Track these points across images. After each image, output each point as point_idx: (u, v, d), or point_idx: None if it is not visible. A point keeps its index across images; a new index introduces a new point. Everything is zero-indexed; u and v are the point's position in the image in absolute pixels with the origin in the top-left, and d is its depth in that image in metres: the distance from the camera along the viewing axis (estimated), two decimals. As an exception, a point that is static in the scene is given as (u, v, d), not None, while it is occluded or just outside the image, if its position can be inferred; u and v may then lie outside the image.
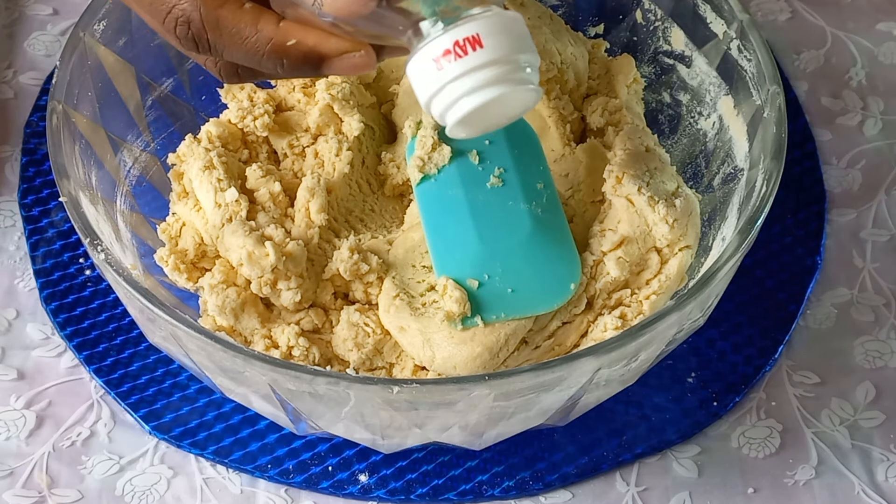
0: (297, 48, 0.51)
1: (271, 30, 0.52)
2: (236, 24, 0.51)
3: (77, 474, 0.68)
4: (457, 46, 0.48)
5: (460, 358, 0.63)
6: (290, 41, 0.51)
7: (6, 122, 0.81)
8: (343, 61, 0.52)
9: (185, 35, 0.52)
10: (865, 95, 0.84)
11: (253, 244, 0.65)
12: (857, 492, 0.69)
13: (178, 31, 0.52)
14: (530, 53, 0.50)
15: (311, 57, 0.52)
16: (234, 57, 0.53)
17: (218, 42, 0.52)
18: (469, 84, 0.49)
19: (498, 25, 0.49)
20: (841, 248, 0.77)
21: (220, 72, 0.55)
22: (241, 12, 0.52)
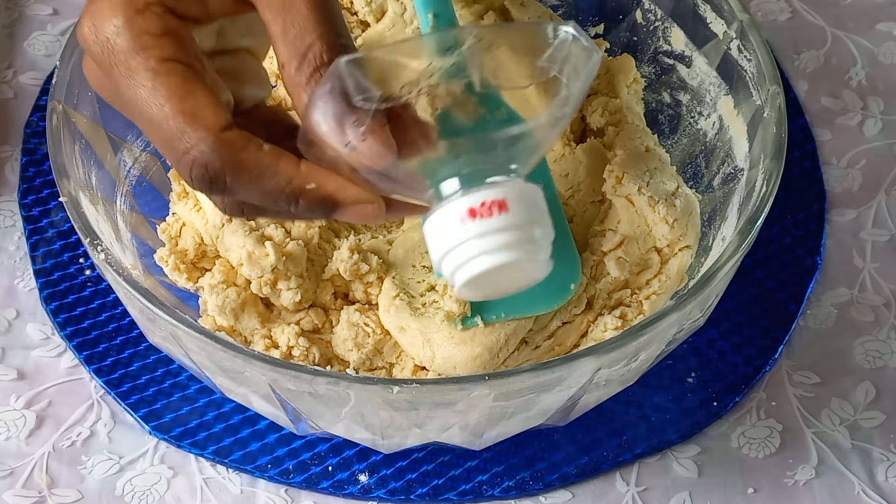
0: (316, 192, 0.50)
1: (292, 171, 0.50)
2: (258, 167, 0.50)
3: (77, 474, 0.68)
4: (483, 207, 0.49)
5: (460, 358, 0.63)
6: (310, 185, 0.50)
7: (6, 122, 0.81)
8: (356, 209, 0.51)
9: (202, 178, 0.50)
10: (865, 95, 0.84)
11: (253, 244, 0.65)
12: (857, 492, 0.69)
13: (193, 174, 0.50)
14: (547, 227, 0.51)
15: (327, 202, 0.51)
16: (249, 197, 0.51)
17: (236, 185, 0.50)
18: (489, 244, 0.50)
19: (522, 194, 0.50)
20: (841, 248, 0.77)
21: (224, 208, 0.54)
22: (261, 154, 0.50)
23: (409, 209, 0.53)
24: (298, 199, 0.51)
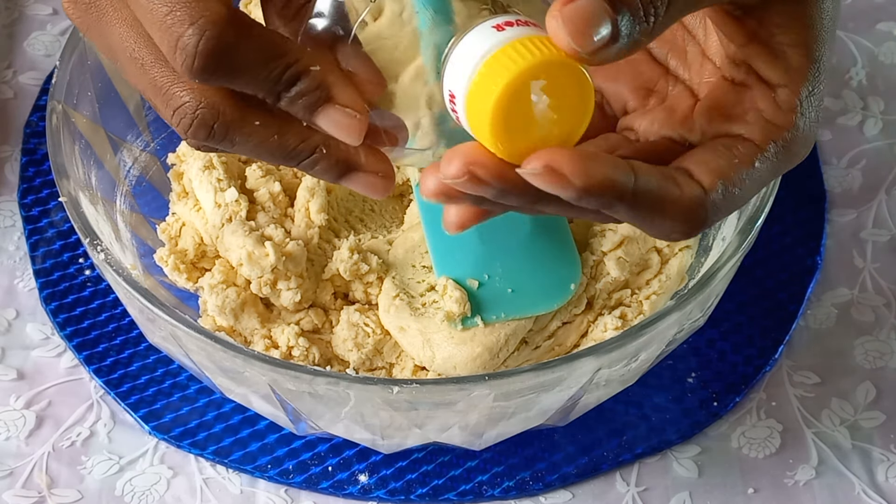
0: (317, 76, 0.47)
1: (299, 49, 0.47)
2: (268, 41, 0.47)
3: (77, 474, 0.68)
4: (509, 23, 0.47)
5: (460, 358, 0.63)
6: (314, 66, 0.47)
7: (6, 122, 0.81)
8: (368, 179, 0.50)
9: (209, 52, 0.45)
10: (865, 95, 0.84)
11: (253, 244, 0.65)
12: (857, 492, 0.69)
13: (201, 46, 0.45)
14: None
15: (324, 89, 0.47)
16: (249, 81, 0.47)
17: (242, 62, 0.46)
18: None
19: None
20: (841, 248, 0.77)
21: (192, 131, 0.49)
22: (270, 32, 0.47)
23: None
24: (298, 80, 0.47)
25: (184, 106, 0.47)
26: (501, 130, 0.44)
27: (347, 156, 0.49)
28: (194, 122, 0.47)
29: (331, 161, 0.49)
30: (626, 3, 0.44)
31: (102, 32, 0.49)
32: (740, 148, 0.48)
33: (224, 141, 0.48)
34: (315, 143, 0.49)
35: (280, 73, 0.47)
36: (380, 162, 0.50)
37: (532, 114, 0.44)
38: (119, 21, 0.48)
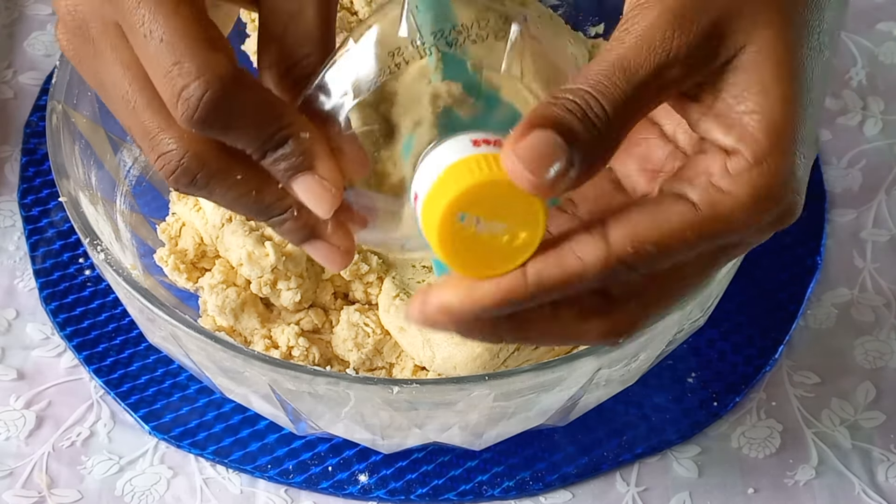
0: (305, 143, 0.48)
1: (292, 113, 0.48)
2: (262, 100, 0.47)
3: (77, 474, 0.68)
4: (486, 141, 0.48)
5: (460, 358, 0.63)
6: (304, 133, 0.48)
7: (6, 122, 0.81)
8: (329, 250, 0.50)
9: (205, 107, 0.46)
10: (865, 95, 0.84)
11: (253, 244, 0.65)
12: (857, 492, 0.69)
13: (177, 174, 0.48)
14: None
15: (308, 156, 0.48)
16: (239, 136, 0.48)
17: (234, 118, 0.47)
18: None
19: None
20: (841, 248, 0.77)
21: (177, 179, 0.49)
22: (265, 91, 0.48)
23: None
24: (286, 143, 0.47)
25: (170, 153, 0.48)
26: (448, 244, 0.45)
27: (315, 224, 0.50)
28: (178, 169, 0.48)
29: (298, 224, 0.50)
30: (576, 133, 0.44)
31: (97, 70, 0.50)
32: (674, 206, 0.45)
33: (204, 189, 0.49)
34: (288, 205, 0.49)
35: (272, 133, 0.47)
36: (343, 238, 0.50)
37: (478, 230, 0.45)
38: (116, 62, 0.49)
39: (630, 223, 0.45)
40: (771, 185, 0.45)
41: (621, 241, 0.45)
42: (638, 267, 0.45)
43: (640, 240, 0.45)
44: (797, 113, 0.46)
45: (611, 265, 0.45)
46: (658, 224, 0.45)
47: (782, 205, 0.46)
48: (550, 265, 0.45)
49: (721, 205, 0.45)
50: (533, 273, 0.45)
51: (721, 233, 0.46)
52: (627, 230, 0.45)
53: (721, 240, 0.46)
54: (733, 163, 0.46)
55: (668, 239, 0.45)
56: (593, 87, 0.45)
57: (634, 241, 0.45)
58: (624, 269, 0.45)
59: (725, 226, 0.45)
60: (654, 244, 0.45)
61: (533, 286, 0.45)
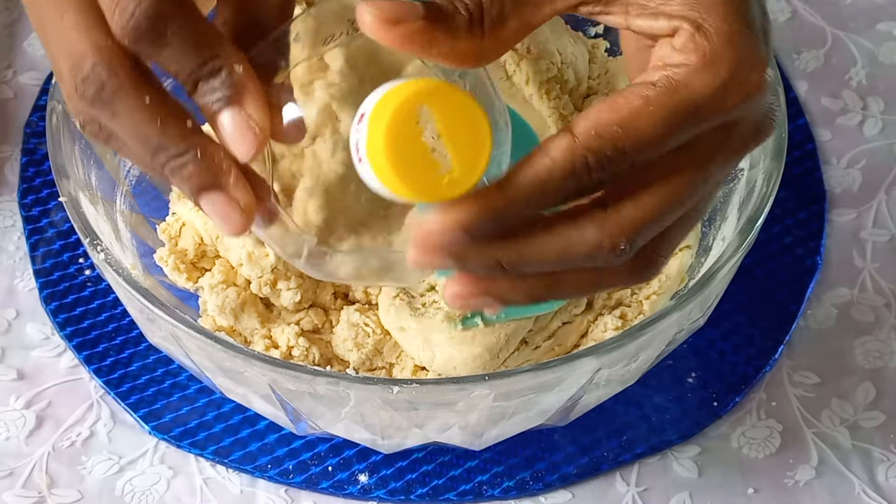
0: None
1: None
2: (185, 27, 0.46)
3: (77, 474, 0.68)
4: None
5: (460, 358, 0.63)
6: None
7: (6, 122, 0.81)
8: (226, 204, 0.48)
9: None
10: (865, 95, 0.84)
11: (253, 244, 0.65)
12: (857, 492, 0.69)
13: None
14: None
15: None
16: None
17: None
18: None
19: None
20: (841, 248, 0.77)
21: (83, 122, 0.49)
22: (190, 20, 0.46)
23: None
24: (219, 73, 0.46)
25: (83, 62, 0.47)
26: (399, 162, 0.44)
27: (218, 171, 0.47)
28: (88, 77, 0.47)
29: (200, 168, 0.47)
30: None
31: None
32: (632, 89, 0.45)
33: (108, 107, 0.47)
34: (193, 143, 0.47)
35: (206, 60, 0.46)
36: (246, 193, 0.48)
37: (425, 145, 0.44)
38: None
39: (591, 112, 0.45)
40: (716, 45, 0.45)
41: (585, 129, 0.45)
42: (608, 152, 0.45)
43: (603, 123, 0.45)
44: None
45: (578, 153, 0.45)
46: (618, 107, 0.45)
47: (738, 59, 0.46)
48: (521, 168, 0.45)
49: (675, 76, 0.45)
50: (505, 179, 0.45)
51: (683, 100, 0.45)
52: (590, 119, 0.45)
53: (689, 112, 0.45)
54: (677, 39, 0.46)
55: (631, 117, 0.45)
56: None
57: (598, 126, 0.45)
58: (594, 157, 0.45)
59: (686, 92, 0.45)
60: (617, 125, 0.45)
61: (508, 189, 0.45)
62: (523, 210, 0.45)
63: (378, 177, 0.44)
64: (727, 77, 0.46)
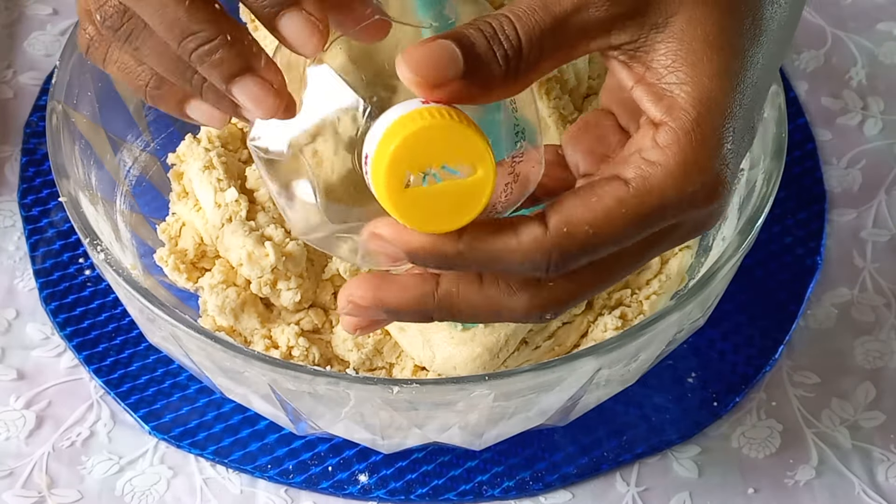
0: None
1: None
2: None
3: (77, 474, 0.68)
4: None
5: (460, 358, 0.63)
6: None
7: (6, 122, 0.81)
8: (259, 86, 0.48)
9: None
10: (865, 95, 0.84)
11: (253, 244, 0.65)
12: (857, 492, 0.69)
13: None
14: None
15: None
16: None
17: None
18: None
19: None
20: (841, 248, 0.77)
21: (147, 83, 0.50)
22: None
23: None
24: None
25: None
26: (397, 198, 0.45)
27: (249, 55, 0.47)
28: None
29: (231, 53, 0.47)
30: (477, 48, 0.45)
31: None
32: (607, 187, 0.46)
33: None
34: (223, 28, 0.47)
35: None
36: (276, 74, 0.48)
37: (427, 182, 0.45)
38: None
39: (566, 206, 0.46)
40: (698, 155, 0.46)
41: (557, 224, 0.45)
42: (574, 251, 0.46)
43: (575, 222, 0.45)
44: (726, 87, 0.47)
45: (545, 247, 0.45)
46: (592, 206, 0.46)
47: (710, 175, 0.46)
48: (487, 234, 0.45)
49: (651, 177, 0.46)
50: (468, 235, 0.45)
51: (654, 206, 0.46)
52: (562, 214, 0.45)
53: (656, 216, 0.46)
54: (661, 135, 0.46)
55: (603, 218, 0.45)
56: (512, 13, 0.46)
57: (570, 224, 0.45)
58: (559, 254, 0.45)
59: (658, 198, 0.46)
60: (588, 224, 0.45)
61: (463, 245, 0.45)
62: (469, 266, 0.46)
63: (389, 212, 0.46)
64: (699, 188, 0.46)
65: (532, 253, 0.45)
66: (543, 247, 0.45)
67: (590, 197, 0.46)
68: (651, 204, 0.46)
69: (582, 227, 0.45)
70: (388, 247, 0.46)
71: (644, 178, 0.46)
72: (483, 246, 0.46)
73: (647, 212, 0.46)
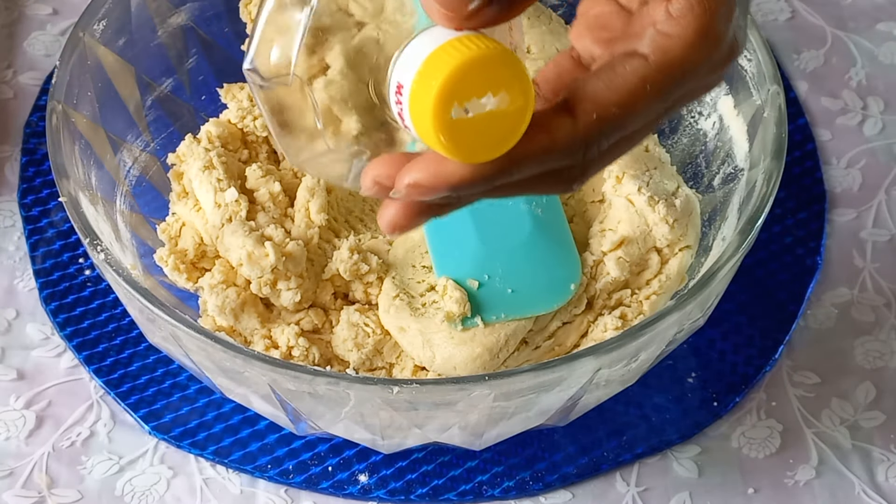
0: None
1: None
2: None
3: (77, 474, 0.68)
4: None
5: (460, 358, 0.63)
6: None
7: (6, 122, 0.81)
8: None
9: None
10: (865, 95, 0.84)
11: (253, 244, 0.65)
12: (857, 492, 0.69)
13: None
14: None
15: None
16: None
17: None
18: None
19: None
20: (841, 248, 0.77)
21: None
22: None
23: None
24: None
25: None
26: (445, 132, 0.44)
27: None
28: None
29: None
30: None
31: None
32: (627, 65, 0.46)
33: None
34: None
35: None
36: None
37: (472, 108, 0.44)
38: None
39: (589, 90, 0.46)
40: (713, 22, 0.46)
41: (586, 112, 0.45)
42: (607, 132, 0.46)
43: (603, 105, 0.45)
44: None
45: (580, 137, 0.45)
46: (616, 86, 0.46)
47: (725, 40, 0.47)
48: (522, 145, 0.45)
49: (671, 50, 0.46)
50: (505, 155, 0.45)
51: (676, 77, 0.46)
52: (589, 101, 0.45)
53: (677, 87, 0.47)
54: (674, 5, 0.46)
55: (629, 97, 0.46)
56: None
57: (598, 108, 0.45)
58: (593, 140, 0.46)
59: (679, 70, 0.46)
60: (616, 105, 0.46)
61: (504, 162, 0.45)
62: (512, 180, 0.46)
63: (430, 146, 0.45)
64: (716, 55, 0.47)
65: (567, 147, 0.46)
66: (578, 137, 0.46)
67: (612, 78, 0.46)
68: (673, 76, 0.46)
69: (610, 109, 0.46)
70: (424, 191, 0.45)
71: (663, 51, 0.46)
72: (521, 156, 0.45)
73: (671, 84, 0.46)
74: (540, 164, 0.46)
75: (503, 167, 0.45)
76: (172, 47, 0.73)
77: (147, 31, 0.70)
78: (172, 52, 0.72)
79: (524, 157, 0.45)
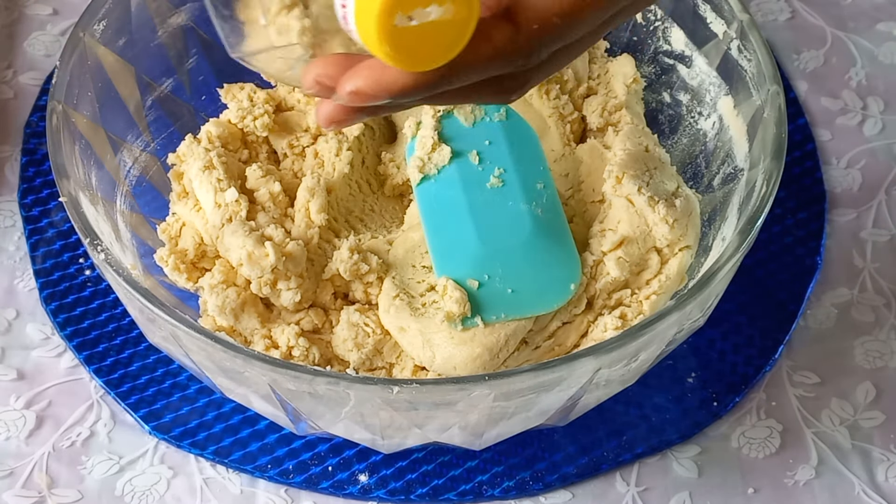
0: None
1: None
2: None
3: (77, 474, 0.68)
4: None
5: (460, 358, 0.63)
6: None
7: (6, 122, 0.81)
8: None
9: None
10: (865, 95, 0.84)
11: (253, 244, 0.65)
12: (857, 492, 0.69)
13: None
14: None
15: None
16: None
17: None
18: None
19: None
20: (841, 248, 0.77)
21: None
22: None
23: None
24: None
25: None
26: (389, 42, 0.44)
27: None
28: None
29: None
30: None
31: None
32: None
33: None
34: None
35: None
36: None
37: (417, 16, 0.44)
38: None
39: (531, 0, 0.46)
40: None
41: (527, 21, 0.45)
42: (548, 42, 0.46)
43: (545, 14, 0.46)
44: None
45: (521, 46, 0.45)
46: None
47: None
48: (465, 54, 0.45)
49: None
50: (448, 64, 0.45)
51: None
52: (531, 9, 0.46)
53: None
54: None
55: (570, 6, 0.46)
56: None
57: (541, 19, 0.45)
58: (533, 48, 0.46)
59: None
60: (557, 15, 0.46)
61: (445, 70, 0.45)
62: (453, 87, 0.46)
63: (373, 53, 0.45)
64: None
65: (509, 55, 0.46)
66: (518, 45, 0.46)
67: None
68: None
69: (551, 19, 0.46)
70: (366, 98, 0.46)
71: None
72: (462, 65, 0.45)
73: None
74: (481, 73, 0.46)
75: (444, 75, 0.45)
76: (172, 47, 0.73)
77: (147, 32, 0.70)
78: (172, 52, 0.72)
79: (465, 65, 0.45)
